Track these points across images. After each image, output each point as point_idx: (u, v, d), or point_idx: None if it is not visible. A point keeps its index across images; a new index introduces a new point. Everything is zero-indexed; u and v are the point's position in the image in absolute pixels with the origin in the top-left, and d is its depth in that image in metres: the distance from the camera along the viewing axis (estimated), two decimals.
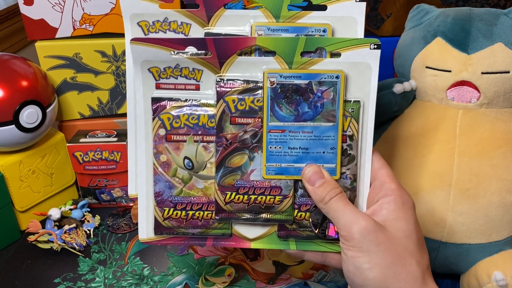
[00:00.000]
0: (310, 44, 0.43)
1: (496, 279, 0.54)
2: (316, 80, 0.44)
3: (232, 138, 0.45)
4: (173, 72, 0.45)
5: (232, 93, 0.44)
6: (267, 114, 0.44)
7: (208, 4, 0.44)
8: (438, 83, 0.60)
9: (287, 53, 0.44)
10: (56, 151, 0.76)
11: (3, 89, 0.67)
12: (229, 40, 0.44)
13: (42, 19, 0.74)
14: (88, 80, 0.78)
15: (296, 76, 0.44)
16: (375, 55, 0.44)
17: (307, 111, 0.44)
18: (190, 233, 0.48)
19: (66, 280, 0.65)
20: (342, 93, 0.44)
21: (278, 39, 0.44)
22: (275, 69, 0.44)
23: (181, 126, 0.45)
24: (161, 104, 0.45)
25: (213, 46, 0.43)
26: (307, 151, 0.45)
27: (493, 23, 0.58)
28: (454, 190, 0.57)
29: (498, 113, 0.60)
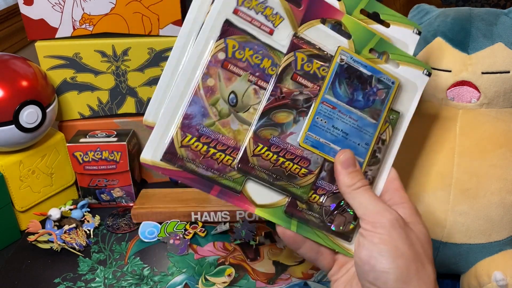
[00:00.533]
0: (380, 45, 0.46)
1: (496, 279, 0.54)
2: (377, 76, 0.46)
3: (286, 93, 0.44)
4: (257, 5, 0.43)
5: (304, 52, 0.44)
6: (327, 85, 0.45)
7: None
8: (438, 83, 0.60)
9: (360, 43, 0.46)
10: (56, 151, 0.76)
11: (3, 89, 0.67)
12: (323, 3, 0.45)
13: (42, 19, 0.74)
14: (88, 80, 0.78)
15: (363, 65, 0.46)
16: (424, 80, 0.48)
17: (360, 99, 0.46)
18: (199, 173, 0.43)
19: (66, 280, 0.65)
20: (392, 97, 0.47)
21: (360, 26, 0.46)
22: (348, 49, 0.45)
23: (243, 59, 0.43)
24: (232, 29, 0.43)
25: (307, 0, 0.44)
26: (346, 137, 0.45)
27: (493, 23, 0.58)
28: (454, 190, 0.57)
29: (498, 113, 0.60)
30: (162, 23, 0.75)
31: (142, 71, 0.78)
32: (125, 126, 0.82)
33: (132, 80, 0.79)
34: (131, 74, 0.78)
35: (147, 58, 0.77)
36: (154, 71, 0.78)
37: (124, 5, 0.73)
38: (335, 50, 0.45)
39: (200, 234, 0.73)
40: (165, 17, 0.75)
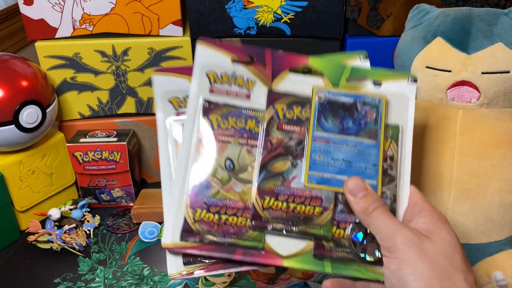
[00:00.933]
0: (355, 72, 0.48)
1: (496, 279, 0.54)
2: (361, 100, 0.47)
3: (277, 143, 0.45)
4: (228, 79, 0.47)
5: (282, 102, 0.46)
6: (314, 123, 0.46)
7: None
8: (438, 83, 0.60)
9: (334, 77, 0.47)
10: (56, 151, 0.76)
11: (3, 89, 0.67)
12: (285, 55, 0.48)
13: (42, 19, 0.74)
14: (88, 80, 0.78)
15: (343, 94, 0.47)
16: (412, 88, 0.48)
17: (351, 125, 0.46)
18: (219, 242, 0.44)
19: (66, 280, 0.65)
20: (384, 115, 0.47)
21: (328, 61, 0.48)
22: (323, 86, 0.47)
23: (228, 128, 0.46)
24: (212, 105, 0.46)
25: (270, 58, 0.47)
26: (350, 164, 0.45)
27: (493, 23, 0.58)
28: (454, 190, 0.57)
29: (498, 113, 0.60)
30: (162, 23, 0.75)
31: (142, 71, 0.78)
32: (125, 126, 0.82)
33: (132, 80, 0.79)
34: (131, 74, 0.78)
35: (147, 58, 0.77)
36: None
37: (124, 5, 0.73)
38: (311, 91, 0.47)
39: None
40: (165, 17, 0.75)
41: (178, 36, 0.76)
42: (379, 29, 0.72)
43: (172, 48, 0.76)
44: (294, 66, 0.48)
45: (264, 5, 0.73)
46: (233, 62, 0.47)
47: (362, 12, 0.71)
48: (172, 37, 0.76)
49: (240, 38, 0.76)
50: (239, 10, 0.73)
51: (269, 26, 0.74)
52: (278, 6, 0.73)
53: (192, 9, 0.74)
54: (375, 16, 0.71)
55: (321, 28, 0.74)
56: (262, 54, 0.47)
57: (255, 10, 0.73)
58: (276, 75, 0.47)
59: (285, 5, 0.73)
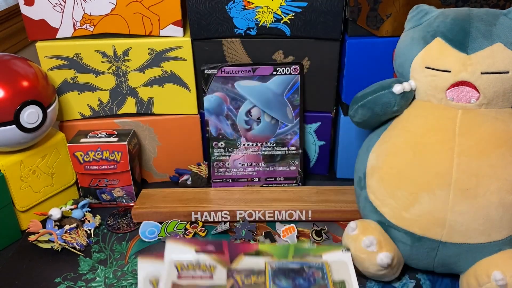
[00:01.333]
0: (298, 251, 0.60)
1: (496, 279, 0.54)
2: (306, 265, 0.57)
3: None
4: (193, 266, 0.59)
5: (240, 273, 0.57)
6: (269, 285, 0.55)
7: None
8: (437, 83, 0.60)
9: (281, 255, 0.60)
10: (56, 151, 0.77)
11: (4, 89, 0.67)
12: (239, 245, 0.61)
13: (43, 19, 0.74)
14: (89, 80, 0.79)
15: (291, 263, 0.58)
16: (348, 255, 0.60)
17: (302, 282, 0.55)
18: None
19: (66, 280, 0.66)
20: (329, 274, 0.57)
21: (275, 246, 0.61)
22: (274, 259, 0.58)
23: None
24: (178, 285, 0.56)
25: (227, 248, 0.60)
26: None
27: (492, 24, 0.59)
28: (454, 190, 0.58)
29: (498, 113, 0.60)
30: (163, 23, 0.75)
31: (143, 71, 0.78)
32: (126, 126, 0.82)
33: (133, 80, 0.79)
34: (131, 74, 0.78)
35: (148, 58, 0.77)
36: (154, 71, 0.78)
37: (124, 5, 0.74)
38: (263, 265, 0.59)
39: (200, 233, 0.73)
40: (166, 18, 0.75)
41: (178, 37, 0.76)
42: (378, 30, 0.72)
43: (172, 49, 0.77)
44: (247, 251, 0.60)
45: (264, 5, 0.73)
46: (197, 252, 0.60)
47: (361, 13, 0.71)
48: (173, 37, 0.76)
49: (240, 38, 0.76)
50: (239, 10, 0.74)
51: (269, 26, 0.74)
52: (278, 6, 0.73)
53: (192, 10, 0.74)
54: (374, 16, 0.71)
55: (321, 28, 0.74)
56: (220, 245, 0.60)
57: (255, 10, 0.73)
58: (233, 259, 0.59)
59: (285, 5, 0.73)
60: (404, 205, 0.60)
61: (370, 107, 0.65)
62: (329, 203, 0.75)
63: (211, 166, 0.82)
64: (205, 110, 0.79)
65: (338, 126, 0.82)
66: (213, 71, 0.77)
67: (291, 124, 0.79)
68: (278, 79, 0.77)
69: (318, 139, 0.84)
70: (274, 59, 0.78)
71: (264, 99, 0.78)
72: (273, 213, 0.74)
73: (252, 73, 0.77)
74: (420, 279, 0.64)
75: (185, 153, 0.85)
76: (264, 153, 0.81)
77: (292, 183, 0.82)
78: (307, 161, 0.86)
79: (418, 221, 0.59)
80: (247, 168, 0.81)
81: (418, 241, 0.60)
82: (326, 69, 0.78)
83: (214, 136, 0.80)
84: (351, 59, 0.75)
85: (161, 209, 0.75)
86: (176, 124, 0.82)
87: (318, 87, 0.79)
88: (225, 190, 0.80)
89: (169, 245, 0.61)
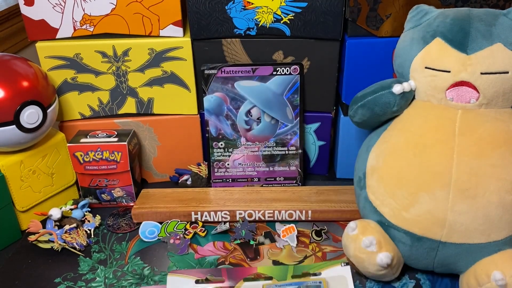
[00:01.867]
0: (297, 270, 0.61)
1: (495, 279, 0.54)
2: (304, 285, 0.58)
3: None
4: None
5: None
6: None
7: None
8: (437, 84, 0.60)
9: (280, 276, 0.61)
10: (56, 151, 0.77)
11: (4, 90, 0.67)
12: (237, 269, 0.61)
13: (43, 19, 0.74)
14: (89, 81, 0.79)
15: (289, 284, 0.58)
16: (347, 269, 0.61)
17: None
18: None
19: (66, 280, 0.66)
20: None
21: (274, 268, 0.62)
22: (272, 282, 0.60)
23: None
24: None
25: (226, 274, 0.60)
26: None
27: (492, 24, 0.59)
28: (454, 190, 0.58)
29: (497, 113, 0.60)
30: (163, 23, 0.75)
31: (143, 71, 0.78)
32: (126, 126, 0.82)
33: (133, 81, 0.79)
34: (131, 74, 0.78)
35: (148, 58, 0.77)
36: (154, 71, 0.78)
37: (124, 5, 0.74)
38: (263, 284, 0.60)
39: (200, 233, 0.73)
40: (166, 18, 0.75)
41: (178, 37, 0.76)
42: (378, 30, 0.72)
43: (172, 49, 0.77)
44: (247, 276, 0.61)
45: (264, 6, 0.73)
46: (196, 283, 0.61)
47: (361, 13, 0.71)
48: (173, 37, 0.76)
49: (240, 38, 0.76)
50: (239, 11, 0.74)
51: (269, 26, 0.74)
52: (278, 7, 0.73)
53: (192, 10, 0.74)
54: (374, 16, 0.71)
55: (320, 28, 0.74)
56: (219, 272, 0.61)
57: (255, 10, 0.74)
58: (234, 286, 0.59)
59: (285, 5, 0.73)
60: (404, 205, 0.60)
61: (370, 107, 0.65)
62: (329, 203, 0.75)
63: (211, 166, 0.82)
64: (205, 110, 0.79)
65: (338, 126, 0.82)
66: (213, 71, 0.77)
67: (291, 124, 0.79)
68: (278, 79, 0.77)
69: (318, 139, 0.84)
70: (274, 59, 0.78)
71: (264, 99, 0.78)
72: (273, 213, 0.74)
73: (252, 73, 0.77)
74: (420, 279, 0.64)
75: (185, 153, 0.85)
76: (264, 153, 0.81)
77: (292, 183, 0.82)
78: (307, 161, 0.86)
79: (418, 221, 0.59)
80: (247, 168, 0.81)
81: (418, 241, 0.60)
82: (326, 69, 0.78)
83: (214, 136, 0.80)
84: (351, 59, 0.75)
85: (161, 209, 0.75)
86: (176, 124, 0.82)
87: (318, 87, 0.79)
88: (225, 190, 0.80)
89: (170, 278, 0.62)
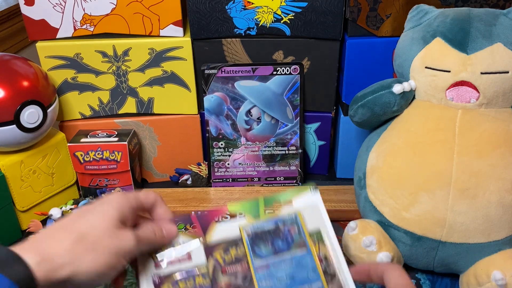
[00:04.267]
0: (268, 202, 0.56)
1: (495, 279, 0.54)
2: (281, 221, 0.54)
3: (226, 286, 0.50)
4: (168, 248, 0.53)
5: (218, 250, 0.52)
6: (251, 257, 0.52)
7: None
8: (437, 83, 0.60)
9: (253, 211, 0.56)
10: (57, 151, 0.77)
11: (4, 89, 0.67)
12: (207, 213, 0.56)
13: (43, 19, 0.74)
14: (89, 80, 0.79)
15: (265, 223, 0.54)
16: (316, 194, 0.56)
17: (281, 245, 0.53)
18: None
19: None
20: (304, 226, 0.54)
21: (244, 204, 0.56)
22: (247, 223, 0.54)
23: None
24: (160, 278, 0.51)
25: (196, 220, 0.56)
26: (293, 277, 0.51)
27: (492, 24, 0.59)
28: (453, 190, 0.58)
29: (497, 113, 0.60)
30: (163, 23, 0.75)
31: (143, 71, 0.78)
32: (126, 126, 0.82)
33: (133, 80, 0.79)
34: (131, 74, 0.78)
35: (148, 58, 0.77)
36: (154, 71, 0.78)
37: (124, 5, 0.74)
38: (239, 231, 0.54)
39: None
40: (166, 18, 0.75)
41: (178, 37, 0.76)
42: (378, 30, 0.72)
43: (172, 49, 0.77)
44: (218, 216, 0.56)
45: (264, 5, 0.73)
46: None
47: (361, 13, 0.71)
48: (173, 37, 0.76)
49: (240, 38, 0.76)
50: (239, 10, 0.74)
51: (269, 26, 0.75)
52: (278, 6, 0.73)
53: (193, 10, 0.74)
54: (374, 16, 0.71)
55: (321, 28, 0.74)
56: (188, 218, 0.56)
57: (255, 10, 0.74)
58: (206, 230, 0.55)
59: (285, 5, 0.73)
60: (404, 205, 0.60)
61: (370, 107, 0.65)
62: (329, 203, 0.75)
63: (211, 166, 0.82)
64: (205, 110, 0.79)
65: (338, 126, 0.82)
66: (213, 71, 0.77)
67: (291, 124, 0.80)
68: (278, 79, 0.77)
69: (318, 139, 0.84)
70: (274, 59, 0.78)
71: (264, 99, 0.78)
72: None
73: (252, 73, 0.77)
74: (420, 278, 0.64)
75: (185, 153, 0.85)
76: (264, 153, 0.81)
77: (292, 183, 0.82)
78: (307, 161, 0.86)
79: (417, 221, 0.59)
80: (247, 168, 0.82)
81: (417, 240, 0.60)
82: (326, 69, 0.78)
83: (214, 136, 0.80)
84: (351, 59, 0.75)
85: None
86: (176, 124, 0.82)
87: (318, 87, 0.79)
88: (225, 190, 0.80)
89: None
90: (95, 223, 0.45)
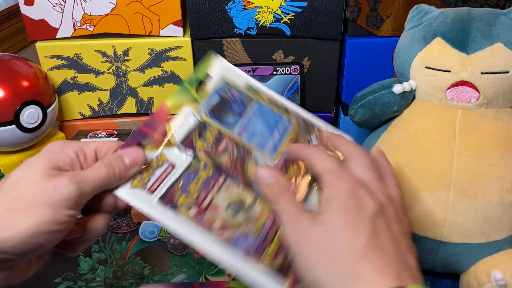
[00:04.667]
0: (191, 83, 0.52)
1: (496, 279, 0.54)
2: (220, 91, 0.53)
3: (231, 162, 0.48)
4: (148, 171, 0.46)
5: (195, 140, 0.49)
6: (227, 128, 0.50)
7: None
8: (437, 83, 0.60)
9: (190, 98, 0.51)
10: None
11: (4, 89, 0.67)
12: (152, 119, 0.48)
13: (43, 19, 0.74)
14: (89, 80, 0.79)
15: (208, 99, 0.52)
16: (222, 59, 0.54)
17: (238, 108, 0.52)
18: None
19: (66, 280, 0.66)
20: (237, 85, 0.54)
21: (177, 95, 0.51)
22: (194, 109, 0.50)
23: (198, 195, 0.46)
24: (166, 196, 0.45)
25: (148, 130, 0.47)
26: (268, 124, 0.52)
27: (492, 23, 0.59)
28: (454, 190, 0.58)
29: (498, 113, 0.60)
30: (163, 23, 0.75)
31: (143, 71, 0.78)
32: (126, 126, 0.82)
33: (133, 80, 0.79)
34: (131, 74, 0.78)
35: (148, 58, 0.77)
36: (154, 71, 0.78)
37: (124, 5, 0.74)
38: (195, 117, 0.50)
39: None
40: (166, 18, 0.75)
41: (178, 37, 0.76)
42: (378, 30, 0.72)
43: (172, 49, 0.77)
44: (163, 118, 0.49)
45: (264, 5, 0.73)
46: None
47: (361, 13, 0.71)
48: (173, 37, 0.76)
49: (240, 38, 0.76)
50: (239, 10, 0.74)
51: (269, 26, 0.75)
52: (278, 6, 0.73)
53: (192, 10, 0.74)
54: (374, 16, 0.71)
55: (321, 28, 0.74)
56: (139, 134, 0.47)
57: (255, 10, 0.74)
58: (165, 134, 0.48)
59: (285, 5, 0.73)
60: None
61: (370, 107, 0.65)
62: None
63: None
64: None
65: (338, 126, 0.82)
66: None
67: None
68: (278, 79, 0.77)
69: None
70: (274, 59, 0.78)
71: None
72: None
73: (252, 73, 0.77)
74: None
75: None
76: None
77: None
78: None
79: (418, 221, 0.59)
80: None
81: (418, 241, 0.60)
82: (326, 69, 0.78)
83: None
84: (351, 59, 0.75)
85: None
86: None
87: (318, 87, 0.79)
88: None
89: None
90: (17, 177, 0.38)
